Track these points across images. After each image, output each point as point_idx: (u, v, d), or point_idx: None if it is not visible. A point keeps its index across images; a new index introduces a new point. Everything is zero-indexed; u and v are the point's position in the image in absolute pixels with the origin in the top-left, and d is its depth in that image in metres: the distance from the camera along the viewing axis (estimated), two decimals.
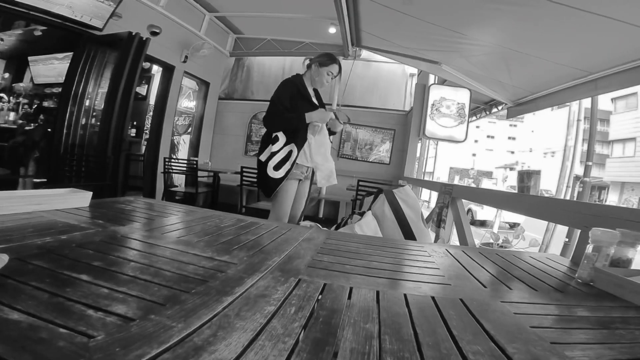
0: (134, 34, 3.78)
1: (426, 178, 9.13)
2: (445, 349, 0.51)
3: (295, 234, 1.23)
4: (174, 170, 4.89)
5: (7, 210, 0.99)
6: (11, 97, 5.96)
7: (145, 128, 6.03)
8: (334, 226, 2.20)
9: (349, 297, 0.69)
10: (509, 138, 38.32)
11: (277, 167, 2.01)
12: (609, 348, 0.59)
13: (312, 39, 6.23)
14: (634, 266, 0.98)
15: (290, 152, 2.01)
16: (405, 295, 0.74)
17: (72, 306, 0.50)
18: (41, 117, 5.55)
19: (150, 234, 1.00)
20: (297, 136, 2.01)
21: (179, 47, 5.24)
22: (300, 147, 2.01)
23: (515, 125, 37.50)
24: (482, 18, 2.68)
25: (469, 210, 11.22)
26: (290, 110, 2.00)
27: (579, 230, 1.23)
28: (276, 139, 2.03)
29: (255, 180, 2.47)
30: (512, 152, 37.07)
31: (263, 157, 2.05)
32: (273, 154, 2.02)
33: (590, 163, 4.83)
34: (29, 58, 5.88)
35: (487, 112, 6.59)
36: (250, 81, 7.08)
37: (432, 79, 5.67)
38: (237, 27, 6.40)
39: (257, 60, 7.08)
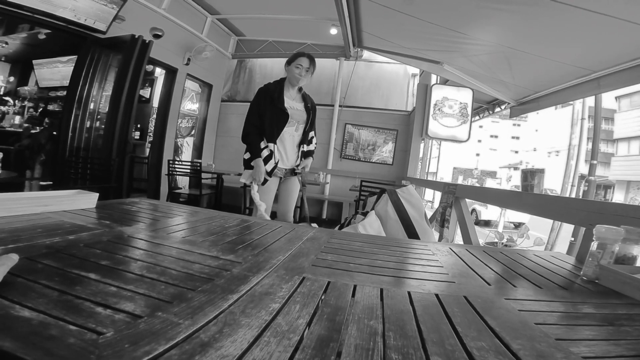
0: (137, 36, 3.81)
1: (430, 178, 9.11)
2: (449, 345, 0.51)
3: (299, 234, 1.24)
4: (177, 173, 4.92)
5: (15, 212, 1.00)
6: (16, 101, 6.00)
7: (149, 131, 6.06)
8: (338, 226, 2.20)
9: (353, 295, 0.69)
10: (513, 137, 38.20)
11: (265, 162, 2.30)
12: (614, 344, 0.59)
13: (313, 40, 6.25)
14: (639, 263, 0.98)
15: (271, 152, 2.29)
16: (409, 292, 0.74)
17: (81, 304, 0.51)
18: (46, 120, 5.59)
19: (156, 234, 1.01)
20: (274, 139, 2.29)
21: (181, 49, 5.27)
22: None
23: (518, 125, 37.38)
24: (483, 18, 2.67)
25: (473, 210, 11.18)
26: (258, 119, 2.31)
27: (584, 229, 1.23)
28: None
29: None
30: (516, 152, 36.94)
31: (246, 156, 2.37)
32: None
33: (595, 162, 4.80)
34: (34, 61, 5.92)
35: (490, 112, 6.57)
36: (252, 83, 7.10)
37: (434, 79, 5.67)
38: (239, 29, 6.42)
39: (259, 62, 7.10)
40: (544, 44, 2.70)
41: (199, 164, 4.96)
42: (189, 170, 4.94)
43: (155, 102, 5.94)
